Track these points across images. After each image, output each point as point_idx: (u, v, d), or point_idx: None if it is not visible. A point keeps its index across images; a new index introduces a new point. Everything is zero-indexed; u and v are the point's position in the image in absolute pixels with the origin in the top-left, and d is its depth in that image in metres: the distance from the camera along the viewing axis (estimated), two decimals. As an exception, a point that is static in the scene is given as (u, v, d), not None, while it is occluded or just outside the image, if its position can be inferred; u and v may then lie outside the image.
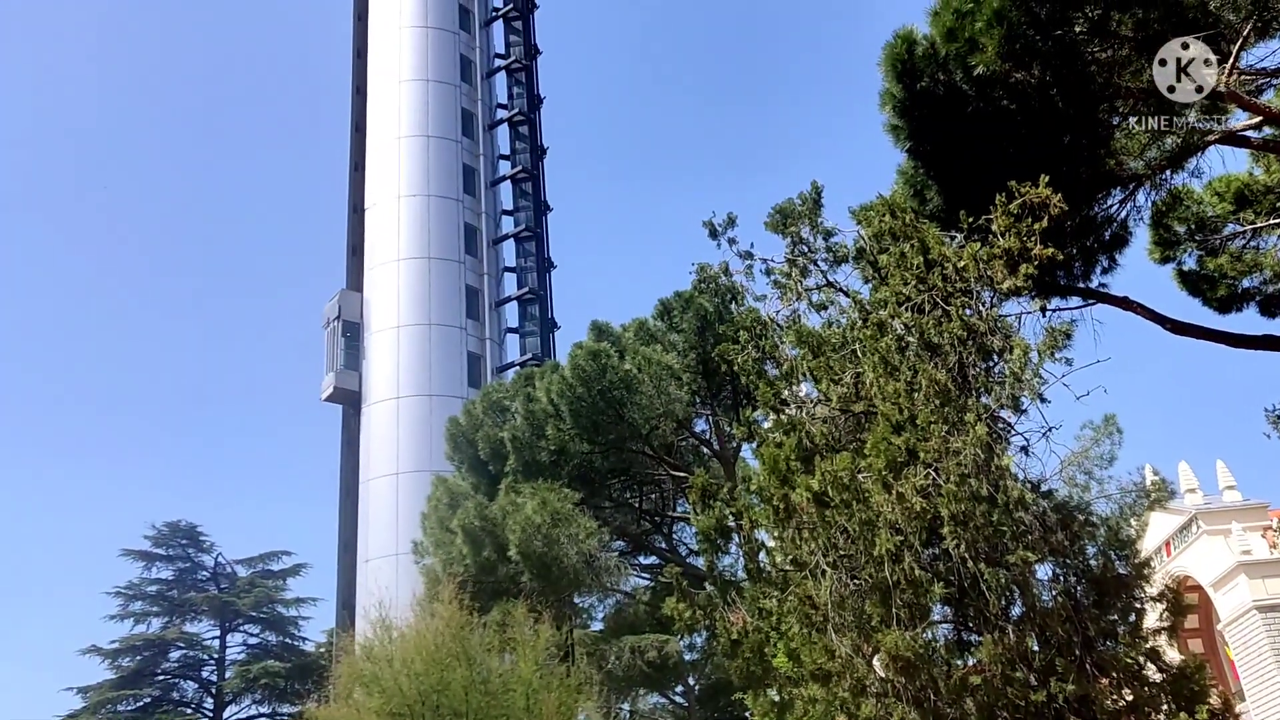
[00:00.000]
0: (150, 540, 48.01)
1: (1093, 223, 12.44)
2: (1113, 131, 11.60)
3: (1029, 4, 10.55)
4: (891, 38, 12.14)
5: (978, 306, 10.24)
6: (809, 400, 12.28)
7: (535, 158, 46.93)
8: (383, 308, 42.39)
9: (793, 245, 13.27)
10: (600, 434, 22.03)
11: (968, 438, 9.06)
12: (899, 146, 12.84)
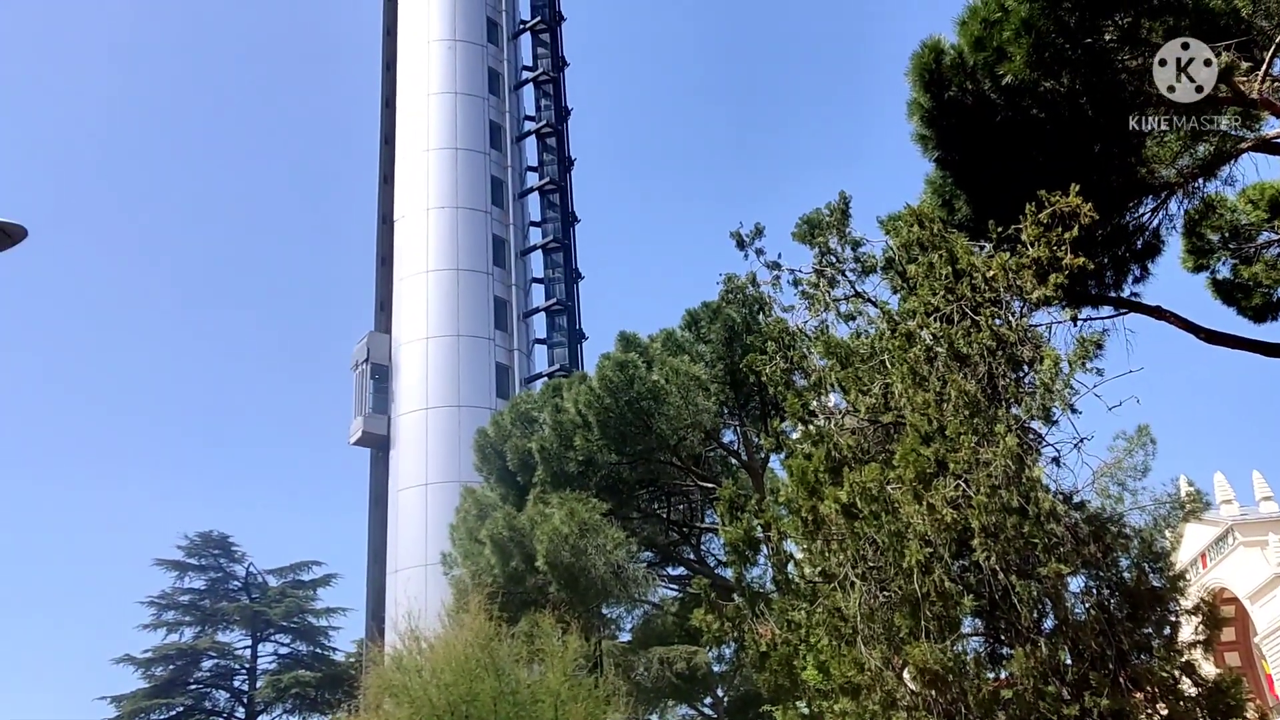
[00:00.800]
0: (183, 550, 48.50)
1: (1124, 231, 12.34)
2: (1144, 139, 11.51)
3: (1058, 12, 10.51)
4: (919, 48, 12.13)
5: (1007, 316, 10.17)
6: (837, 411, 12.24)
7: (563, 169, 47.12)
8: (411, 319, 42.66)
9: (821, 256, 13.25)
10: (628, 445, 22.03)
11: (998, 449, 9.00)
12: (927, 156, 12.82)
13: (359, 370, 42.65)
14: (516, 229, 45.81)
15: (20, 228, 5.44)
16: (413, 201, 44.67)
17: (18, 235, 5.40)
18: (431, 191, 44.41)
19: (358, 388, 42.68)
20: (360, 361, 42.66)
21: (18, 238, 5.37)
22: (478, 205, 44.59)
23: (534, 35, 49.67)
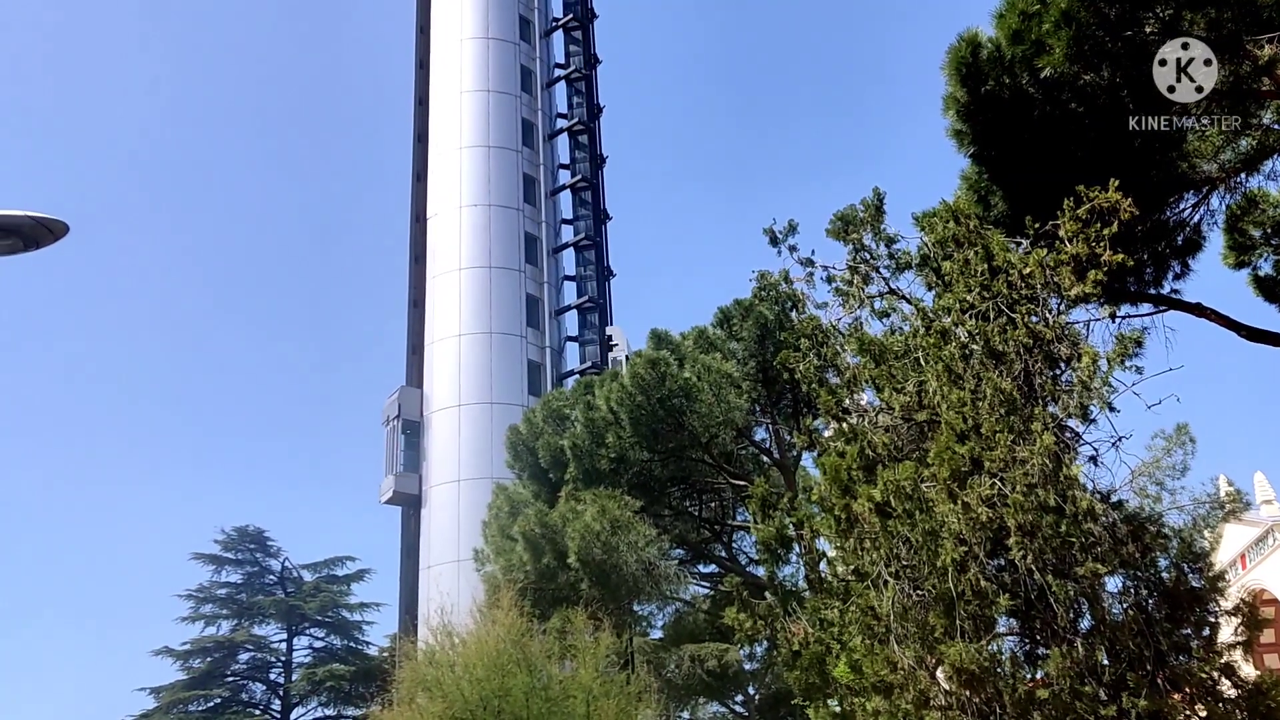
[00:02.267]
0: (220, 544, 49.10)
1: (1164, 227, 12.15)
2: (1185, 134, 11.33)
3: (1098, 4, 10.36)
4: (955, 41, 12.00)
5: (1044, 314, 10.05)
6: (871, 409, 12.16)
7: (595, 166, 47.18)
8: (444, 316, 42.88)
9: (854, 252, 13.15)
10: (660, 442, 22.04)
11: (1035, 447, 8.90)
12: (962, 151, 12.68)
13: (390, 426, 42.16)
14: (548, 226, 45.93)
15: (61, 223, 5.52)
16: (446, 199, 44.90)
17: (59, 231, 5.49)
18: (464, 189, 44.61)
19: (389, 445, 42.21)
20: (391, 418, 42.13)
21: (59, 233, 5.46)
22: (510, 203, 44.74)
23: (566, 32, 49.77)
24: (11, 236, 5.42)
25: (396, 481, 41.10)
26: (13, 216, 5.45)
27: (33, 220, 5.40)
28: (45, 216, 5.41)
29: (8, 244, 5.47)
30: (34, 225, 5.37)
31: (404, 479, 41.20)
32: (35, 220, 5.39)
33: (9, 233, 5.41)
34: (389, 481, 41.49)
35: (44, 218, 5.39)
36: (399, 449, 41.77)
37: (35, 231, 5.37)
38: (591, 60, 48.91)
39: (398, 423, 41.82)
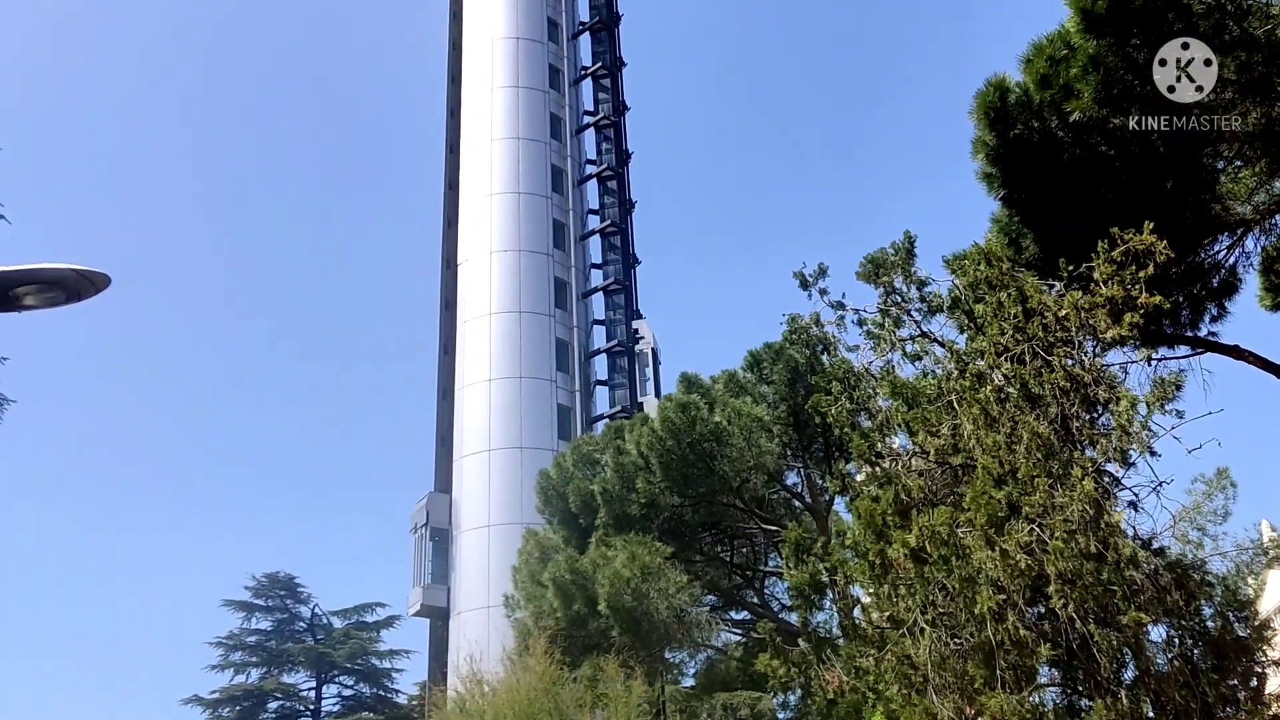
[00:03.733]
0: (251, 591, 49.21)
1: (1199, 269, 12.05)
2: (1217, 176, 11.27)
3: (1126, 49, 10.38)
4: (983, 85, 12.05)
5: (1080, 356, 9.96)
6: (904, 453, 12.06)
7: (623, 212, 47.54)
8: (474, 361, 43.10)
9: (885, 295, 13.12)
10: (690, 487, 21.92)
11: (1074, 492, 8.77)
12: (992, 194, 12.67)
13: (417, 534, 41.17)
14: (578, 271, 46.22)
15: (103, 275, 5.65)
16: (476, 245, 45.32)
17: (100, 283, 5.61)
18: (495, 235, 45.03)
19: (416, 554, 41.09)
20: (419, 525, 41.14)
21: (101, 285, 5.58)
22: (540, 248, 45.08)
23: (595, 80, 50.42)
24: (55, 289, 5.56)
25: (424, 594, 40.11)
26: (56, 269, 5.59)
27: (75, 273, 5.53)
28: (87, 269, 5.53)
29: (51, 296, 5.61)
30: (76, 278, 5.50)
31: (432, 591, 40.05)
32: (77, 273, 5.51)
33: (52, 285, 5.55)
34: (416, 594, 40.55)
35: (86, 270, 5.51)
36: (426, 558, 40.59)
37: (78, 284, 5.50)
38: (620, 107, 49.47)
39: (425, 530, 40.79)
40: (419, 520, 41.27)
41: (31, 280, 5.56)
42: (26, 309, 5.68)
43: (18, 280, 5.54)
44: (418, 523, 41.33)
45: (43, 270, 5.57)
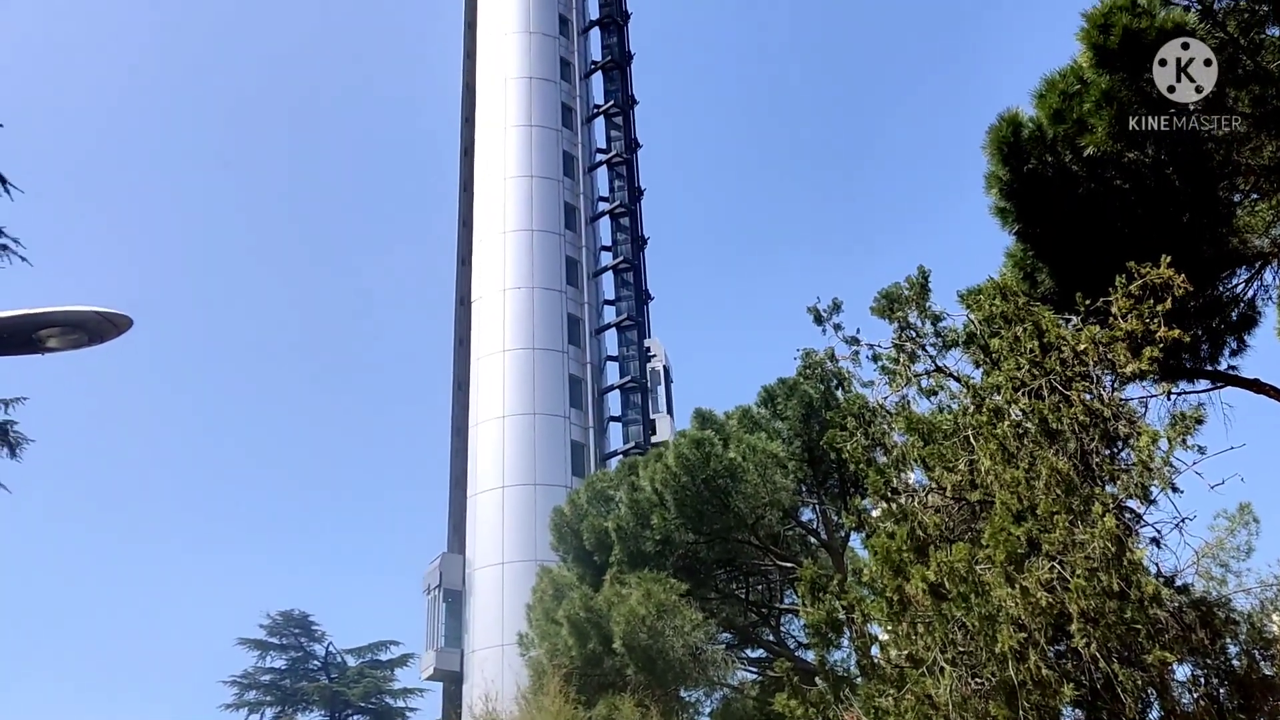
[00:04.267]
0: (265, 629, 49.06)
1: (1218, 303, 12.00)
2: (1234, 209, 11.25)
3: (1139, 83, 10.42)
4: (996, 120, 12.09)
5: (1099, 391, 9.89)
6: (920, 489, 11.98)
7: (636, 248, 47.74)
8: (489, 399, 43.14)
9: (900, 330, 13.10)
10: (705, 523, 21.80)
11: (1095, 529, 8.67)
12: (1007, 229, 12.68)
13: (431, 596, 40.62)
14: (591, 307, 46.35)
15: (125, 317, 5.69)
16: (489, 282, 45.54)
17: (122, 325, 5.65)
18: (508, 272, 45.24)
19: (429, 617, 40.58)
20: (433, 587, 40.52)
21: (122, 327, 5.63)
22: (553, 285, 45.25)
23: (607, 118, 50.84)
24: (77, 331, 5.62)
25: (438, 658, 39.54)
26: (78, 312, 5.64)
27: (97, 315, 5.58)
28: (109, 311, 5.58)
29: (73, 338, 5.66)
30: (98, 320, 5.55)
31: (445, 655, 39.43)
32: (99, 315, 5.56)
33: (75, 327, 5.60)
34: (429, 658, 39.97)
35: (108, 312, 5.56)
36: (440, 620, 40.03)
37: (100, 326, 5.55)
38: (632, 144, 49.83)
39: (439, 592, 40.24)
40: (432, 581, 40.60)
41: (54, 323, 5.62)
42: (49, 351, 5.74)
43: (41, 323, 5.60)
44: (430, 584, 40.63)
45: (65, 313, 5.62)
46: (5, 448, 20.30)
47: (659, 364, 43.70)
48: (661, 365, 44.40)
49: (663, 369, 44.30)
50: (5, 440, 20.28)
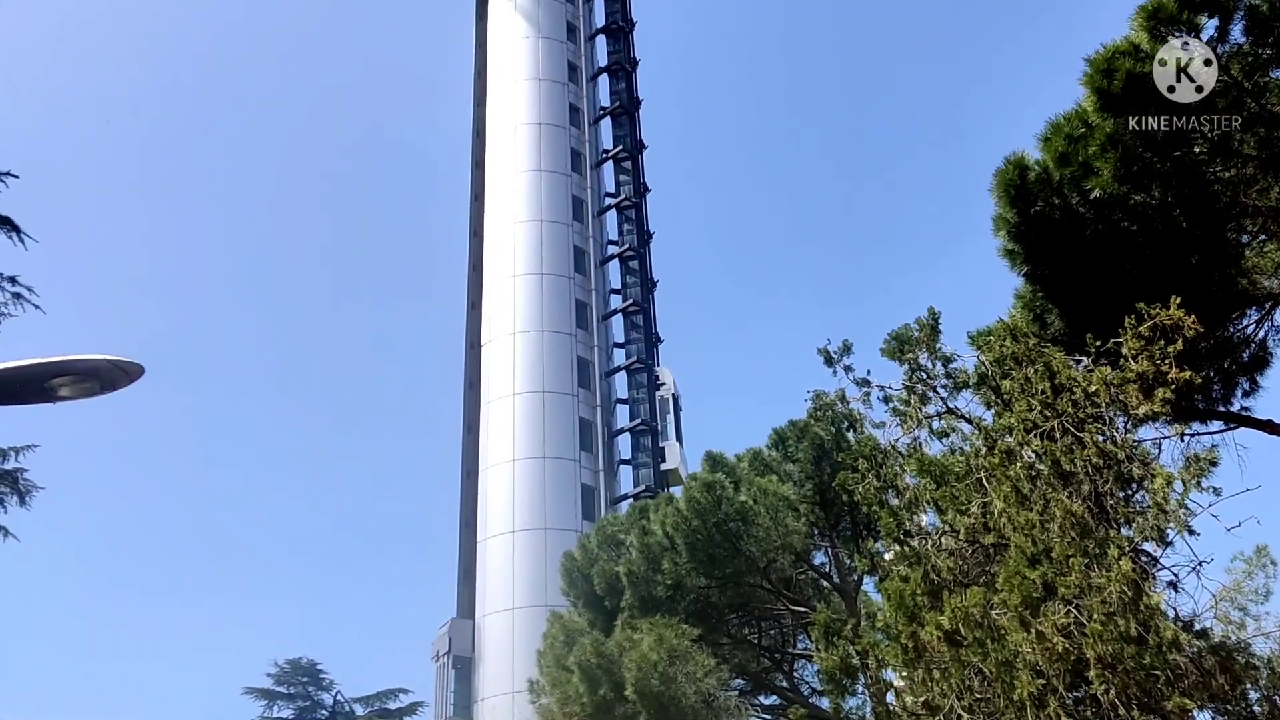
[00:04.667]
0: (273, 678, 48.64)
1: (1229, 344, 11.95)
2: (1242, 250, 11.25)
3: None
4: (1002, 164, 12.16)
5: (1112, 433, 9.84)
6: (934, 531, 11.90)
7: (645, 291, 47.89)
8: (499, 442, 43.09)
9: (911, 372, 13.09)
10: (717, 567, 21.64)
11: (1111, 573, 8.59)
12: (1015, 271, 12.69)
13: (440, 663, 39.96)
14: (600, 350, 46.40)
15: (137, 365, 5.73)
16: (499, 326, 45.69)
17: (134, 373, 5.69)
18: (518, 316, 45.39)
19: (438, 685, 39.88)
20: (441, 654, 39.91)
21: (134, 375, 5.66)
22: (563, 328, 45.37)
23: (616, 163, 51.26)
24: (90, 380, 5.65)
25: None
26: (91, 361, 5.68)
27: (109, 364, 5.62)
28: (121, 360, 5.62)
29: (86, 387, 5.69)
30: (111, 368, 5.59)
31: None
32: (112, 363, 5.60)
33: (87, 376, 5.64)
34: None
35: (120, 361, 5.60)
36: (449, 688, 39.32)
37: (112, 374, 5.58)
38: (641, 189, 50.18)
39: (447, 659, 39.62)
40: (440, 648, 39.99)
41: (67, 372, 5.66)
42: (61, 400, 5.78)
43: (53, 372, 5.64)
44: (439, 650, 40.00)
45: (78, 362, 5.66)
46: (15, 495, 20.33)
47: (668, 393, 43.80)
48: (670, 394, 44.53)
49: (672, 397, 44.40)
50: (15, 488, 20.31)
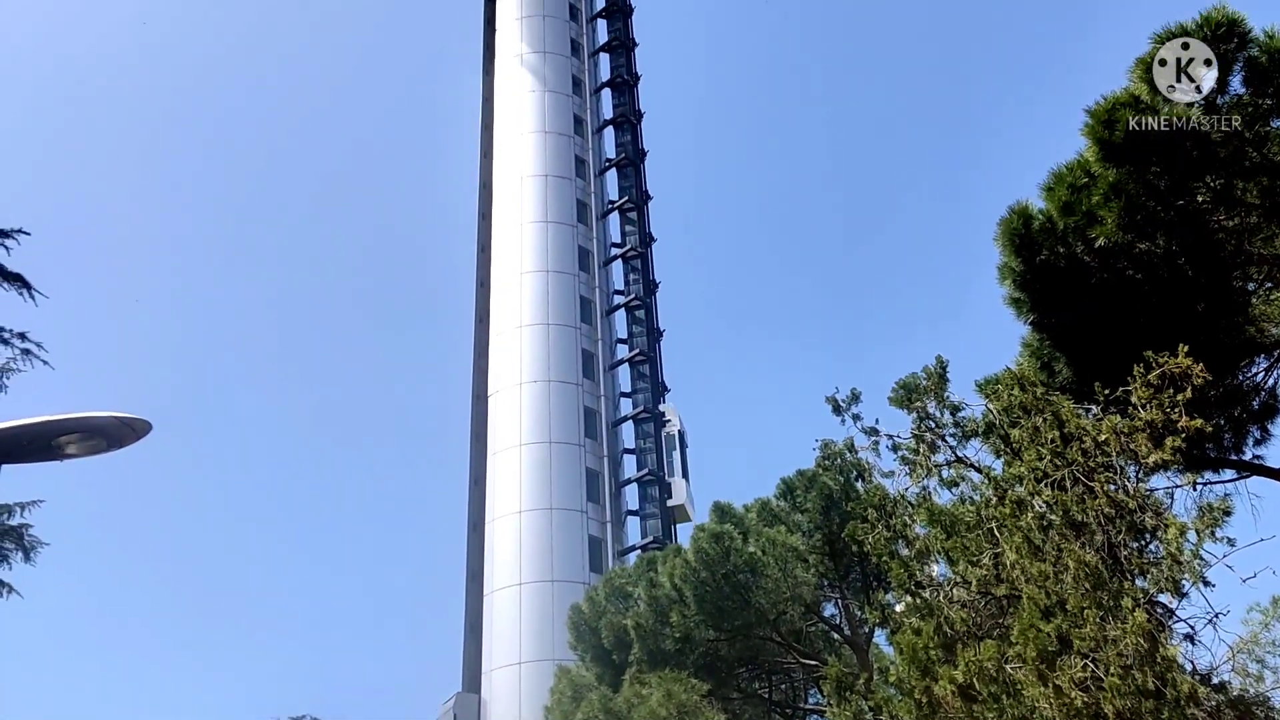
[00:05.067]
0: (277, 733, 48.07)
1: (1238, 392, 11.90)
2: (1249, 298, 11.24)
3: (1146, 176, 10.52)
4: (1006, 213, 12.22)
5: (1123, 482, 9.76)
6: (945, 582, 11.78)
7: (651, 340, 47.96)
8: (505, 494, 42.92)
9: (919, 421, 13.05)
10: (726, 620, 21.42)
11: (1127, 625, 8.47)
12: (1022, 319, 12.70)
13: None
14: (607, 400, 46.37)
15: (144, 422, 5.73)
16: (506, 377, 45.72)
17: (141, 430, 5.69)
18: (524, 367, 45.45)
19: None
20: None
21: (142, 432, 5.67)
22: (569, 378, 45.39)
23: (621, 214, 51.65)
24: (97, 437, 5.65)
25: None
26: (98, 418, 5.69)
27: (116, 420, 5.63)
28: (129, 416, 5.63)
29: (93, 444, 5.69)
30: (117, 425, 5.60)
31: None
32: (119, 420, 5.61)
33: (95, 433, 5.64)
34: None
35: (128, 417, 5.61)
36: None
37: (119, 431, 5.59)
38: (646, 239, 50.50)
39: None
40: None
41: (74, 429, 5.66)
42: (68, 458, 5.77)
43: (60, 430, 5.65)
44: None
45: (85, 419, 5.67)
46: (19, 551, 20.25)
47: (673, 429, 43.73)
48: (676, 430, 44.43)
49: (677, 433, 44.31)
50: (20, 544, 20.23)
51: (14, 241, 20.50)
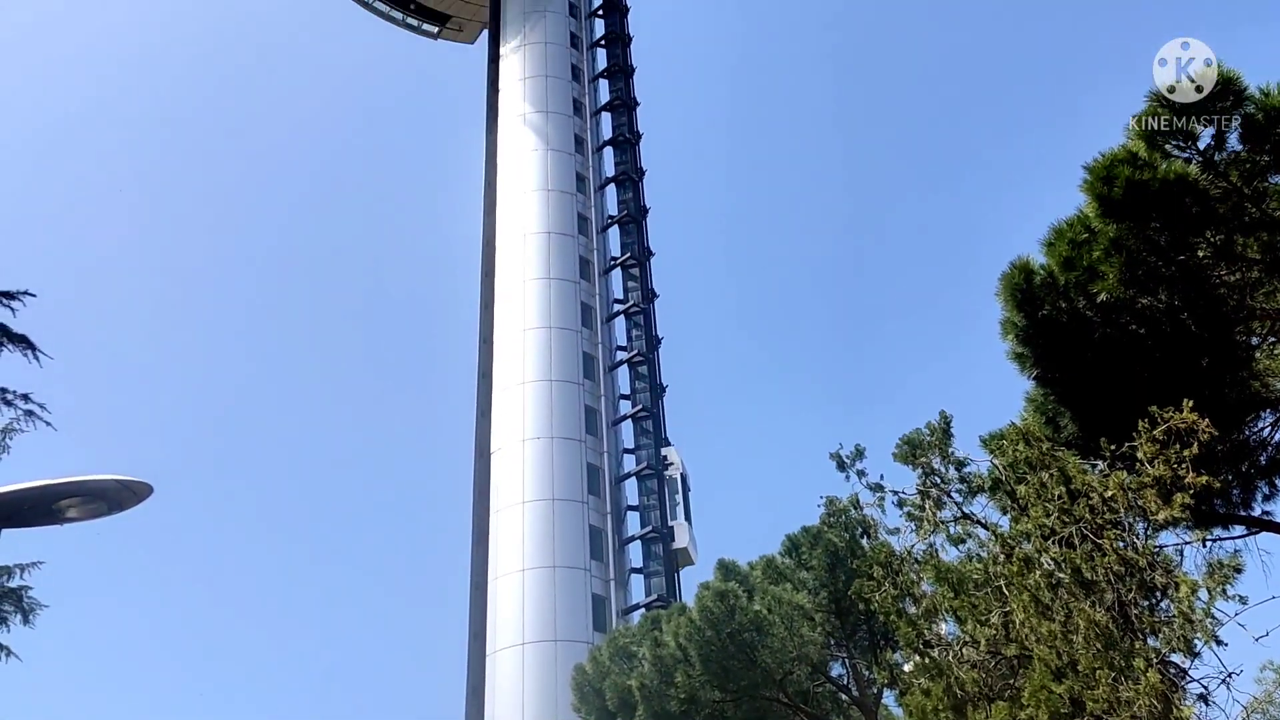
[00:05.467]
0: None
1: (1246, 446, 11.83)
2: (1253, 353, 11.22)
3: (1146, 231, 10.56)
4: (1008, 268, 12.24)
5: (1132, 539, 9.66)
6: (954, 641, 11.61)
7: (655, 396, 47.87)
8: (508, 552, 42.54)
9: (924, 476, 12.96)
10: (731, 680, 21.08)
11: (1140, 686, 8.32)
12: (1025, 374, 12.67)
13: None
14: (611, 456, 46.17)
15: (145, 485, 5.71)
16: (509, 433, 45.58)
17: (142, 492, 5.67)
18: (528, 423, 45.32)
19: None
20: None
21: (142, 495, 5.64)
22: (572, 434, 45.23)
23: (624, 269, 51.89)
24: (98, 500, 5.63)
25: None
26: (99, 481, 5.67)
27: (117, 484, 5.61)
28: (129, 479, 5.61)
29: (93, 507, 5.66)
30: (119, 488, 5.57)
31: None
32: (119, 483, 5.59)
33: (95, 497, 5.62)
34: None
35: (128, 480, 5.59)
36: None
37: (119, 494, 5.57)
38: (649, 294, 50.68)
39: None
40: None
41: (75, 493, 5.64)
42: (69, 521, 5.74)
43: (61, 494, 5.62)
44: None
45: (86, 483, 5.65)
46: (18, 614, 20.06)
47: (675, 472, 43.58)
48: (679, 473, 44.25)
49: (679, 477, 44.11)
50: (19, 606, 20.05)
51: (19, 303, 20.62)
